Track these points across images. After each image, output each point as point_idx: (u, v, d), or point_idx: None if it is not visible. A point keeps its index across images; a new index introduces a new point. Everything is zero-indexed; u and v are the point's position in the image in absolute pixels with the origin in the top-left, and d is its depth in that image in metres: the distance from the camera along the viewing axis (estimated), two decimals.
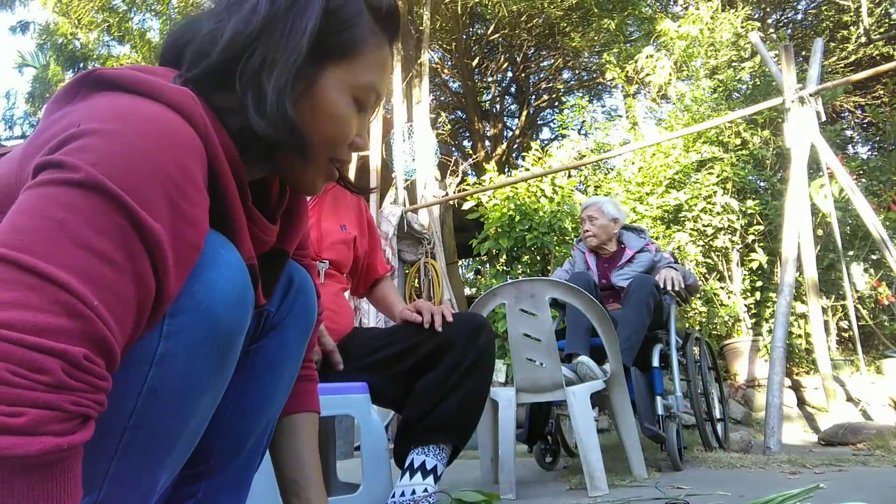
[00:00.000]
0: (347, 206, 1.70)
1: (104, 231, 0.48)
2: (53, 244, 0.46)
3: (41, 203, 0.47)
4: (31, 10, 9.89)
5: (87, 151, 0.50)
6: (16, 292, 0.43)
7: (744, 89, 6.11)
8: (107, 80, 0.58)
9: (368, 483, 1.46)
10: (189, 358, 0.59)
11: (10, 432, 0.41)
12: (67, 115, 0.56)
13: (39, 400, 0.42)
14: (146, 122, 0.54)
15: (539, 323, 2.08)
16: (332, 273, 1.62)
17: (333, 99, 0.69)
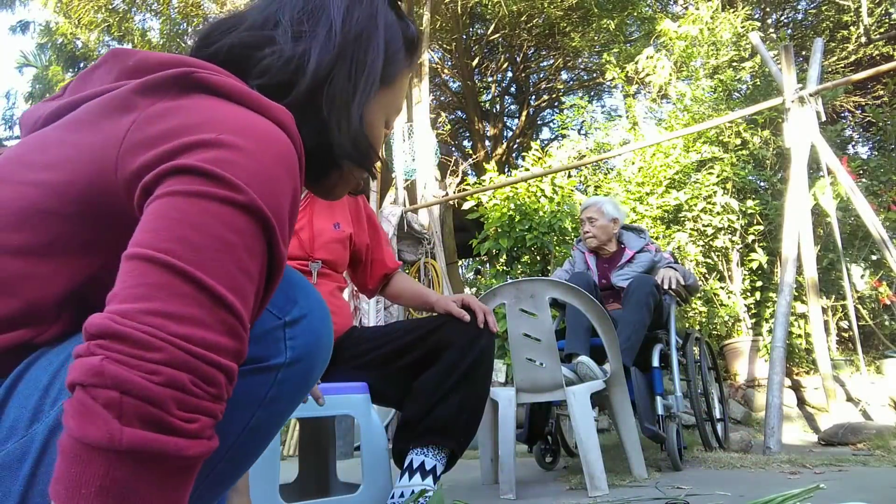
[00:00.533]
0: (342, 204, 1.69)
1: (255, 255, 0.52)
2: (223, 266, 0.49)
3: (209, 220, 0.50)
4: (31, 10, 9.91)
5: (236, 167, 0.52)
6: (194, 308, 0.48)
7: (744, 89, 6.10)
8: (209, 85, 0.59)
9: (368, 483, 1.46)
10: (287, 402, 0.65)
11: (187, 436, 0.46)
12: (174, 111, 0.57)
13: (208, 409, 0.48)
14: (275, 143, 0.56)
15: (539, 323, 2.08)
16: (327, 272, 1.61)
17: (377, 122, 0.77)
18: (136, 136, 0.56)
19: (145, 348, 0.45)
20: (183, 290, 0.47)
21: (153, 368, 0.45)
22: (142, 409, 0.44)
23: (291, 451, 3.84)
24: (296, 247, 1.57)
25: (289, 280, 0.65)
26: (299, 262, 1.56)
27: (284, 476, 1.52)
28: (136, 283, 0.48)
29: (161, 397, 0.45)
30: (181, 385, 0.46)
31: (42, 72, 9.64)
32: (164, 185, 0.51)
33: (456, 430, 1.44)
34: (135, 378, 0.44)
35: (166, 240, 0.48)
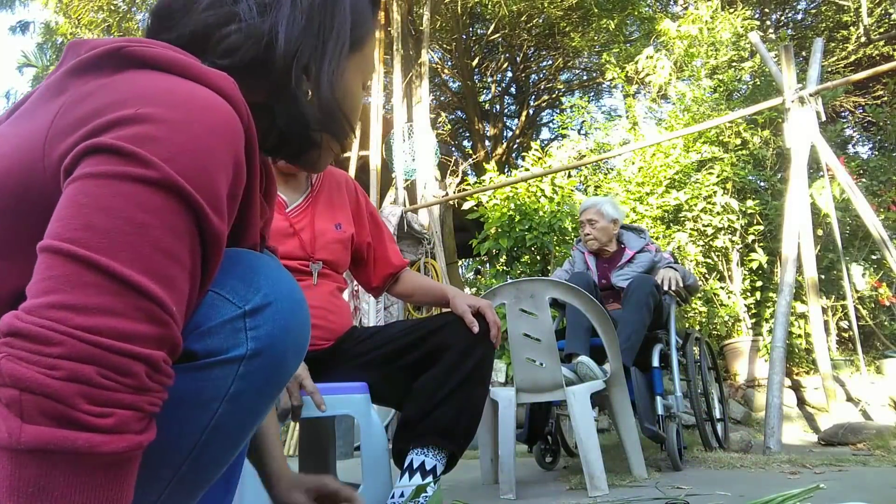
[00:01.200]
0: (343, 204, 1.69)
1: (178, 234, 0.49)
2: (136, 249, 0.47)
3: (119, 202, 0.47)
4: (31, 10, 9.91)
5: (154, 142, 0.49)
6: (102, 297, 0.45)
7: (744, 89, 6.10)
8: (141, 58, 0.55)
9: (368, 483, 1.46)
10: (254, 397, 0.61)
11: (100, 431, 0.44)
12: (102, 89, 0.53)
13: (125, 401, 0.45)
14: (208, 111, 0.53)
15: (539, 323, 2.08)
16: (328, 273, 1.61)
17: (354, 87, 0.74)
18: (62, 120, 0.53)
19: (44, 343, 0.43)
20: (89, 280, 0.45)
21: (52, 363, 0.43)
22: (44, 406, 0.42)
23: (291, 451, 3.84)
24: (297, 247, 1.56)
25: (252, 266, 0.62)
26: (300, 263, 1.56)
27: None
28: (41, 277, 0.46)
29: (63, 392, 0.43)
30: (86, 378, 0.43)
31: (42, 72, 9.64)
32: (80, 167, 0.49)
33: (456, 433, 1.44)
34: (33, 374, 0.42)
35: (73, 228, 0.46)
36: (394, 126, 6.33)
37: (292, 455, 3.56)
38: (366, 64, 0.75)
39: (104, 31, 7.87)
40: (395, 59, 6.46)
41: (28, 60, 10.35)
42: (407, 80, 6.59)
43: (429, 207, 5.88)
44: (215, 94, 0.55)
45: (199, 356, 0.57)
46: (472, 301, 1.52)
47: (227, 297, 0.59)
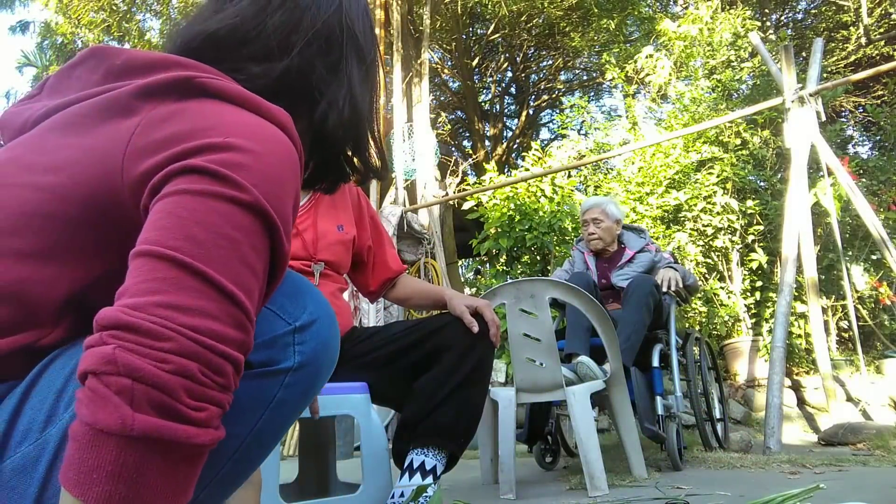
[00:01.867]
0: (345, 206, 1.69)
1: (260, 253, 0.55)
2: (229, 262, 0.52)
3: (214, 218, 0.52)
4: (31, 10, 9.90)
5: (244, 169, 0.54)
6: (202, 301, 0.49)
7: (744, 89, 6.10)
8: (211, 90, 0.61)
9: (368, 483, 1.46)
10: (294, 405, 0.66)
11: (195, 424, 0.48)
12: (180, 115, 0.58)
13: (216, 398, 0.50)
14: (279, 145, 0.59)
15: (539, 323, 2.08)
16: (329, 274, 1.61)
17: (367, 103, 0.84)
18: (141, 140, 0.57)
19: (155, 338, 0.46)
20: (191, 284, 0.49)
21: (163, 357, 0.46)
22: (153, 396, 0.45)
23: (291, 451, 3.84)
24: (299, 247, 1.57)
25: (298, 286, 0.67)
26: (302, 263, 1.56)
27: (284, 476, 1.52)
28: (145, 279, 0.49)
29: (171, 385, 0.46)
30: (190, 373, 0.47)
31: (42, 72, 9.63)
32: (173, 183, 0.53)
33: (456, 433, 1.44)
34: (146, 366, 0.45)
35: (174, 237, 0.50)
36: (394, 126, 6.33)
37: (292, 455, 3.56)
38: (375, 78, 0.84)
39: (104, 30, 7.87)
40: (395, 59, 6.46)
41: (28, 60, 10.35)
42: (407, 80, 6.59)
43: (429, 207, 5.88)
44: (279, 129, 0.61)
45: (254, 366, 0.62)
46: (470, 301, 1.52)
47: (278, 313, 0.65)
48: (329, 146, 0.75)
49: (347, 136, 0.75)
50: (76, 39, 8.51)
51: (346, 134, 0.75)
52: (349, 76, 0.74)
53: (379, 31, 6.50)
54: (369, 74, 0.78)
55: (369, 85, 0.78)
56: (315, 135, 0.74)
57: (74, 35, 8.32)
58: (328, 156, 0.77)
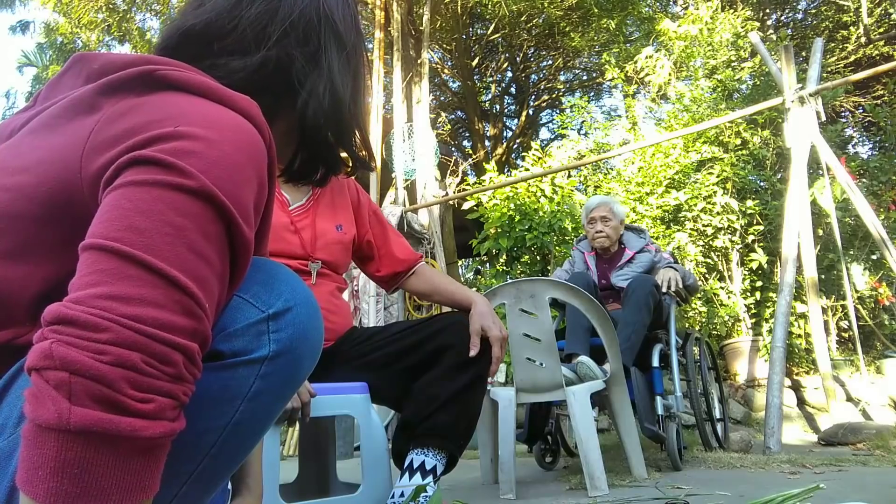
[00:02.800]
0: (345, 205, 1.69)
1: (211, 239, 0.53)
2: (174, 248, 0.50)
3: (158, 206, 0.51)
4: (30, 10, 9.90)
5: (192, 156, 0.53)
6: (144, 289, 0.48)
7: (744, 89, 6.10)
8: (172, 81, 0.60)
9: (368, 483, 1.46)
10: (272, 397, 0.65)
11: (142, 416, 0.46)
12: (138, 108, 0.58)
13: (164, 389, 0.48)
14: (236, 132, 0.58)
15: (539, 323, 2.08)
16: (326, 273, 1.61)
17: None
18: (99, 136, 0.57)
19: (93, 329, 0.46)
20: (132, 273, 0.48)
21: (101, 349, 0.45)
22: (92, 389, 0.44)
23: (291, 451, 3.84)
24: (297, 246, 1.57)
25: (275, 274, 0.66)
26: (299, 262, 1.56)
27: (284, 476, 1.52)
28: (87, 272, 0.49)
29: (111, 376, 0.45)
30: (132, 364, 0.46)
31: (42, 72, 9.64)
32: (122, 176, 0.53)
33: (455, 435, 1.44)
34: (83, 358, 0.45)
35: (117, 228, 0.50)
36: (394, 126, 6.33)
37: (292, 455, 3.56)
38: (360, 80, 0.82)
39: (104, 30, 7.87)
40: (395, 59, 6.46)
41: (28, 60, 10.35)
42: (407, 80, 6.59)
43: (429, 207, 5.88)
44: (242, 116, 0.60)
45: (226, 356, 0.60)
46: (491, 325, 1.48)
47: (251, 301, 0.63)
48: (312, 136, 0.74)
49: (329, 125, 0.74)
50: (76, 39, 8.51)
51: (328, 123, 0.74)
52: (329, 65, 0.73)
53: (379, 32, 6.50)
54: (350, 62, 0.76)
55: (351, 73, 0.77)
56: (300, 126, 0.73)
57: (75, 35, 8.32)
58: (313, 146, 0.76)
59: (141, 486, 0.48)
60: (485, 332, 1.46)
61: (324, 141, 0.75)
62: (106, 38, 8.22)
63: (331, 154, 0.77)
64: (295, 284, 0.66)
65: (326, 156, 0.77)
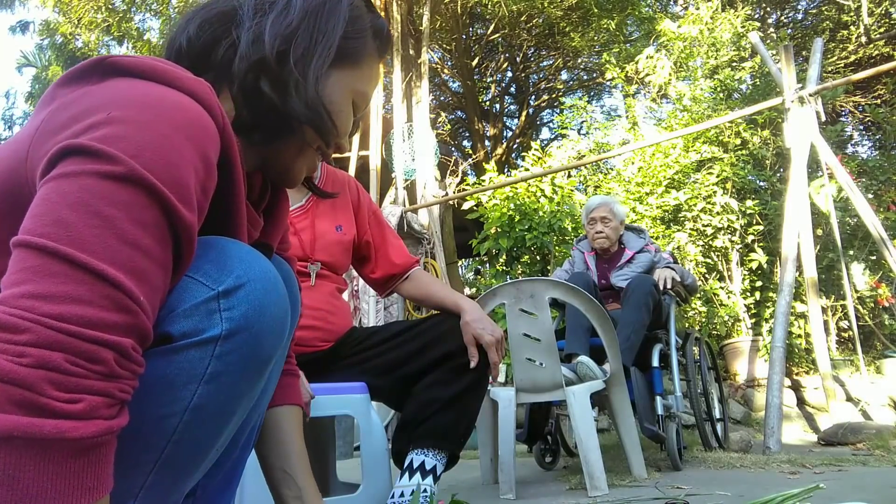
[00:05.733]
0: (346, 205, 1.69)
1: (146, 226, 0.51)
2: (102, 241, 0.48)
3: (85, 197, 0.49)
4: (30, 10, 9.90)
5: (122, 140, 0.51)
6: (68, 286, 0.46)
7: (744, 89, 6.11)
8: (122, 67, 0.58)
9: (368, 483, 1.46)
10: (234, 378, 0.61)
11: (69, 417, 0.44)
12: (83, 97, 0.56)
13: (94, 388, 0.46)
14: (174, 110, 0.55)
15: (539, 323, 2.08)
16: (326, 274, 1.61)
17: (340, 98, 0.75)
18: (46, 126, 0.56)
19: (12, 331, 0.44)
20: (57, 270, 0.46)
21: (21, 350, 0.43)
22: (12, 393, 0.43)
23: None
24: (296, 247, 1.57)
25: (227, 251, 0.63)
26: (298, 263, 1.55)
27: None
28: (14, 270, 0.47)
29: (30, 379, 0.43)
30: (54, 365, 0.44)
31: (42, 72, 9.64)
32: (55, 169, 0.51)
33: (455, 435, 1.44)
34: (0, 362, 0.43)
35: (44, 223, 0.48)
36: (394, 126, 6.33)
37: None
38: (358, 82, 0.77)
39: (104, 30, 7.87)
40: (395, 58, 6.46)
41: (27, 60, 10.35)
42: (407, 80, 6.59)
43: (429, 207, 5.88)
44: (187, 96, 0.57)
45: (175, 338, 0.58)
46: (482, 331, 1.47)
47: (199, 280, 0.60)
48: (242, 88, 0.69)
49: (254, 71, 0.68)
50: (76, 39, 8.52)
51: (247, 65, 0.67)
52: (266, 15, 0.69)
53: None
54: (287, 8, 0.70)
55: (290, 18, 0.70)
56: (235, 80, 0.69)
57: (74, 35, 8.33)
58: (249, 101, 0.69)
59: (85, 487, 0.46)
60: (477, 339, 1.46)
61: (259, 93, 0.69)
62: (105, 38, 8.22)
63: (273, 111, 0.70)
64: (250, 260, 0.63)
65: (266, 111, 0.70)
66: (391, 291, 1.73)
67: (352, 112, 0.78)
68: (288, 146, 0.75)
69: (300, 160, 0.77)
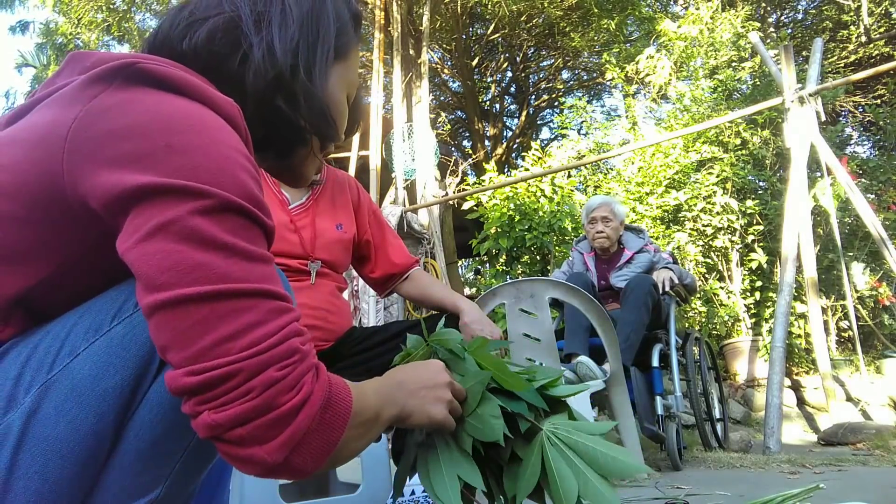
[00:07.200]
0: (346, 204, 1.68)
1: (255, 239, 0.56)
2: (238, 266, 0.53)
3: (202, 234, 0.52)
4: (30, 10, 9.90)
5: (198, 170, 0.53)
6: (242, 318, 0.52)
7: (744, 89, 6.11)
8: (153, 77, 0.58)
9: (368, 483, 1.46)
10: None
11: (304, 402, 0.54)
12: (120, 109, 0.56)
13: (304, 369, 0.55)
14: (220, 131, 0.57)
15: (539, 323, 2.08)
16: (326, 272, 1.60)
17: (339, 96, 0.76)
18: (80, 134, 0.55)
19: (228, 379, 0.50)
20: (223, 310, 0.51)
21: (245, 390, 0.50)
22: (265, 423, 0.51)
23: None
24: (296, 246, 1.56)
25: None
26: (299, 261, 1.55)
27: None
28: (182, 329, 0.50)
29: (267, 403, 0.50)
30: (272, 380, 0.51)
31: (41, 72, 9.63)
32: (139, 214, 0.52)
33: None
34: (236, 410, 0.50)
35: (184, 272, 0.51)
36: (394, 126, 6.33)
37: None
38: (349, 75, 0.78)
39: (104, 30, 7.86)
40: (395, 59, 6.46)
41: (26, 60, 10.35)
42: (407, 80, 6.59)
43: (429, 207, 5.88)
44: (221, 118, 0.59)
45: None
46: (480, 332, 1.47)
47: None
48: (259, 105, 0.69)
49: (273, 89, 0.68)
50: (76, 39, 8.52)
51: (271, 88, 0.68)
52: (269, 22, 0.69)
53: (379, 32, 6.50)
54: (304, 18, 0.70)
55: (304, 30, 0.70)
56: (248, 95, 0.68)
57: (74, 35, 8.32)
58: (265, 117, 0.70)
59: (342, 417, 0.57)
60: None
61: (275, 109, 0.70)
62: (105, 38, 8.21)
63: (289, 125, 0.71)
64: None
65: (281, 126, 0.72)
66: (391, 291, 1.73)
67: (346, 106, 0.79)
68: (299, 156, 0.77)
69: (309, 163, 0.80)
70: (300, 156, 0.77)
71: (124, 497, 0.58)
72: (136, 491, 0.59)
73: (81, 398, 0.55)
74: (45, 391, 0.55)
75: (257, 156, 0.73)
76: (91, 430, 0.55)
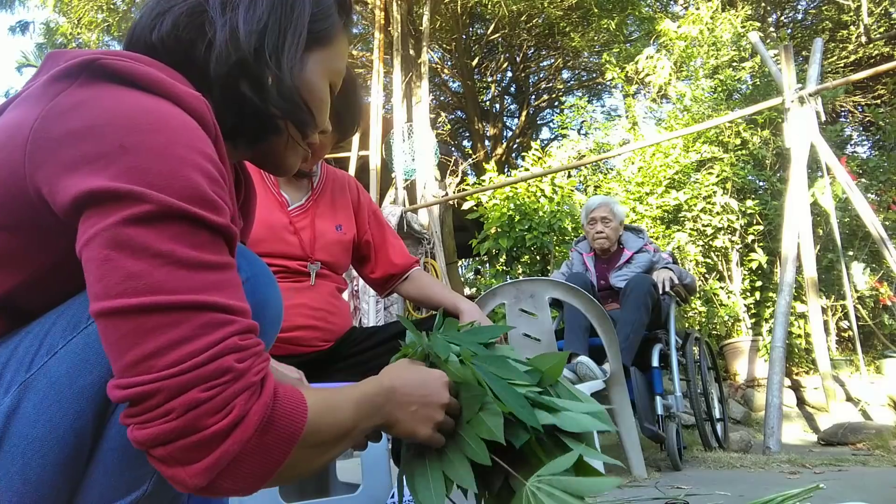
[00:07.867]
0: (346, 205, 1.68)
1: (200, 245, 0.53)
2: (174, 276, 0.50)
3: (138, 242, 0.50)
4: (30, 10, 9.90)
5: (147, 174, 0.51)
6: (167, 334, 0.49)
7: (744, 89, 6.11)
8: (113, 71, 0.57)
9: (368, 483, 1.46)
10: None
11: (231, 427, 0.51)
12: (79, 108, 0.54)
13: (235, 390, 0.52)
14: (182, 130, 0.55)
15: (539, 323, 2.08)
16: (326, 273, 1.60)
17: (318, 83, 0.73)
18: (40, 134, 0.54)
19: (147, 399, 0.48)
20: (150, 325, 0.49)
21: (164, 411, 0.48)
22: (183, 445, 0.48)
23: None
24: (296, 247, 1.56)
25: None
26: (298, 263, 1.55)
27: None
28: (112, 341, 0.49)
29: (187, 425, 0.48)
30: (196, 402, 0.48)
31: None
32: (87, 219, 0.51)
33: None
34: (156, 430, 0.48)
35: (115, 283, 0.49)
36: (394, 126, 6.33)
37: None
38: (333, 63, 0.75)
39: (104, 30, 7.86)
40: (395, 59, 6.46)
41: (27, 60, 10.35)
42: (407, 80, 6.59)
43: (429, 207, 5.89)
44: (185, 112, 0.57)
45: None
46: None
47: None
48: (225, 93, 0.67)
49: (235, 74, 0.66)
50: (76, 39, 8.51)
51: (227, 68, 0.65)
52: (236, 11, 0.66)
53: (379, 32, 6.50)
54: (254, 1, 0.67)
55: (259, 12, 0.67)
56: (213, 82, 0.66)
57: (74, 35, 8.32)
58: (232, 104, 0.68)
59: (286, 442, 0.53)
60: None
61: (240, 95, 0.67)
62: (105, 38, 8.21)
63: (255, 112, 0.69)
64: (251, 256, 0.67)
65: (248, 113, 0.69)
66: (391, 291, 1.73)
67: (328, 94, 0.76)
68: (275, 143, 0.74)
69: (290, 152, 0.76)
70: (277, 144, 0.74)
71: (111, 494, 0.58)
72: (122, 488, 0.58)
73: (60, 396, 0.55)
74: (25, 390, 0.55)
75: (229, 144, 0.70)
76: (70, 428, 0.54)
